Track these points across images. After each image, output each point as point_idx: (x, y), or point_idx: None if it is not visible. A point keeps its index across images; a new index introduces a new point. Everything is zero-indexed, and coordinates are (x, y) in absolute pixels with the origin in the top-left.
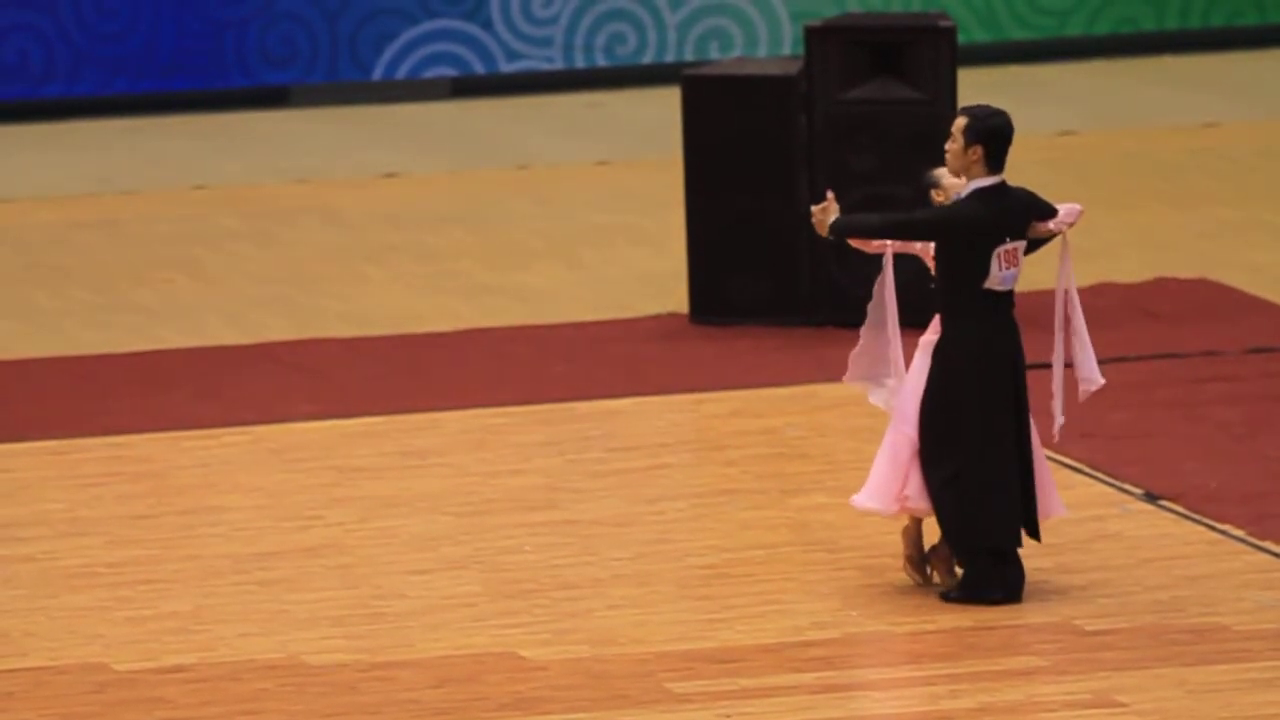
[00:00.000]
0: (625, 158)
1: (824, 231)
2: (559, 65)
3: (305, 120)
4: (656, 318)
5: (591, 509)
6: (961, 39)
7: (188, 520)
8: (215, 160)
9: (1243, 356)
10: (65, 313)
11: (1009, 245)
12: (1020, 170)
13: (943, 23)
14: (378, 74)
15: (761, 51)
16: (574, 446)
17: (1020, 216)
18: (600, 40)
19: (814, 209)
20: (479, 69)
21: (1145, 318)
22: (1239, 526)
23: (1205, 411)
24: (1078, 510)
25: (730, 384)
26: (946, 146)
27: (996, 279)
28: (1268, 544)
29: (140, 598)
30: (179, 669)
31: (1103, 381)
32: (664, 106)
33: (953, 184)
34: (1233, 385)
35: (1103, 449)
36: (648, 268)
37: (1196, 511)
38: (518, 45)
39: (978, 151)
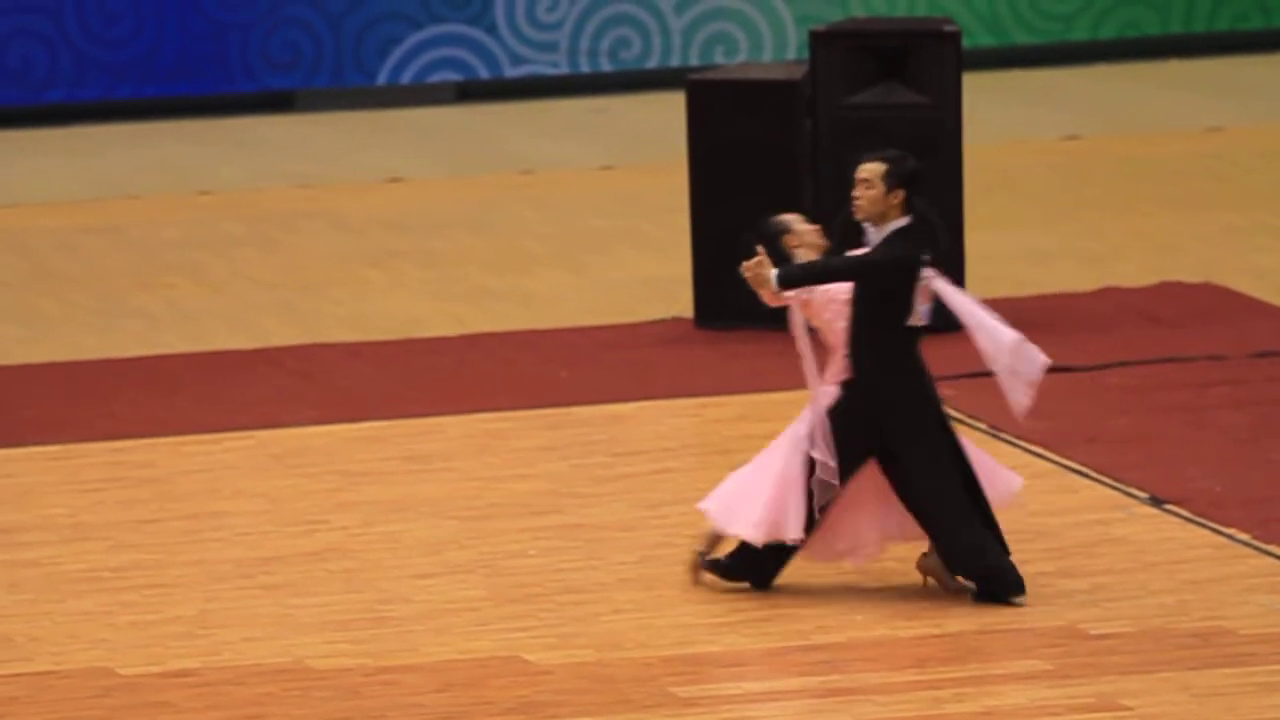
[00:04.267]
0: (630, 162)
1: (766, 286)
2: (564, 70)
3: (309, 125)
4: (661, 322)
5: (596, 513)
6: (966, 43)
7: (191, 525)
8: (219, 165)
9: (1247, 361)
10: (68, 318)
11: (924, 282)
12: (1025, 174)
13: (947, 27)
14: (382, 79)
15: (766, 56)
16: (578, 451)
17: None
18: (605, 45)
19: (745, 266)
20: (484, 74)
21: (1149, 322)
22: (1244, 530)
23: (1210, 416)
24: (1082, 514)
25: (735, 389)
26: (858, 193)
27: (919, 314)
28: (1273, 548)
29: (144, 602)
30: (183, 673)
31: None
32: (669, 111)
33: (805, 229)
34: (1237, 389)
35: (1107, 453)
36: (652, 272)
37: (1201, 515)
38: (522, 50)
39: (899, 195)
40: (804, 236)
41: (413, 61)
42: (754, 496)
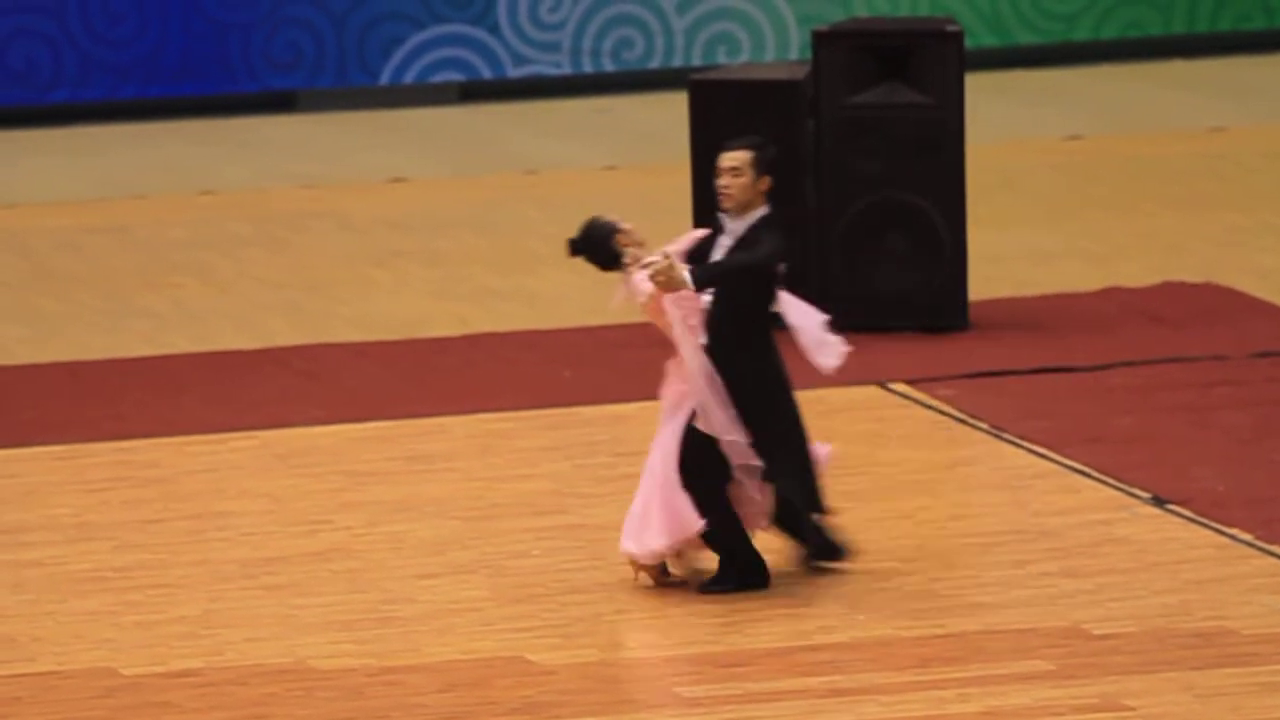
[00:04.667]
0: (633, 162)
1: (682, 287)
2: (567, 70)
3: (313, 125)
4: None
5: (599, 514)
6: (968, 43)
7: (195, 525)
8: (223, 165)
9: (1250, 361)
10: (73, 318)
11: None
12: (1028, 174)
13: (950, 27)
14: (385, 79)
15: (768, 56)
16: (581, 451)
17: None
18: (608, 45)
19: (657, 270)
20: (487, 74)
21: (1152, 322)
22: (1247, 530)
23: (1213, 416)
24: (1084, 514)
25: None
26: (727, 182)
27: (776, 301)
28: (1275, 548)
29: (148, 602)
30: (187, 673)
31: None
32: (671, 111)
33: (631, 229)
34: (1240, 389)
35: (1109, 453)
36: None
37: (1204, 515)
38: (525, 50)
39: (766, 182)
40: (632, 235)
41: (416, 61)
42: (649, 511)
